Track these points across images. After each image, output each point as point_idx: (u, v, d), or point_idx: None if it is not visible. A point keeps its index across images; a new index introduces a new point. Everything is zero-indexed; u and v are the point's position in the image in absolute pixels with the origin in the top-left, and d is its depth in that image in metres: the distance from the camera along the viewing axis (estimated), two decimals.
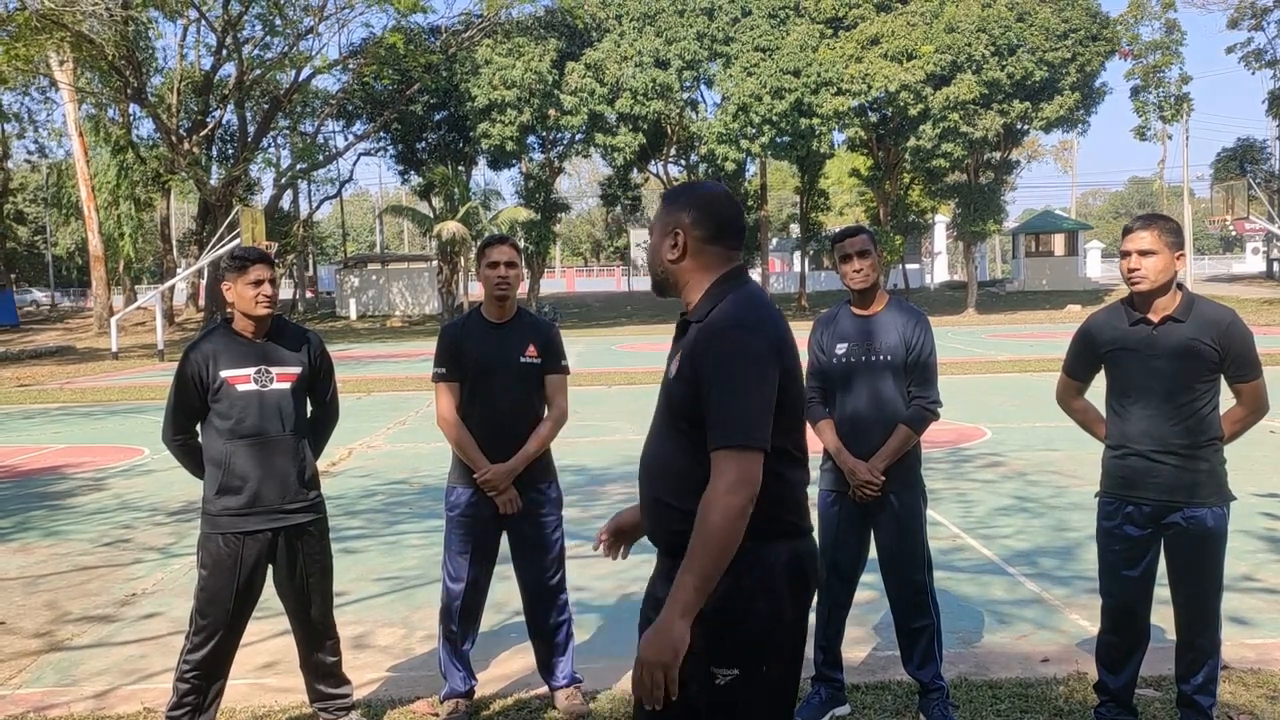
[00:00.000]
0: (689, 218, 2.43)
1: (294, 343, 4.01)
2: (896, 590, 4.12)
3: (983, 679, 4.43)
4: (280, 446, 3.88)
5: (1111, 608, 3.85)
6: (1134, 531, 3.73)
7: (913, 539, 4.07)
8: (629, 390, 16.77)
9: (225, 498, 3.83)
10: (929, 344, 4.07)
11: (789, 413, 2.34)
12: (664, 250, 2.46)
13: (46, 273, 62.75)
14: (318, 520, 4.01)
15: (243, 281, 3.85)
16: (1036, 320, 36.34)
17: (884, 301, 4.13)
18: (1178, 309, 3.61)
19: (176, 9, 34.29)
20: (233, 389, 3.84)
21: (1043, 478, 8.80)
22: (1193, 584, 3.71)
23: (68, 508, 8.80)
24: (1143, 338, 3.65)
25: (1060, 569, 6.14)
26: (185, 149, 36.11)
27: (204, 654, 3.83)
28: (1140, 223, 3.65)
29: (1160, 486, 3.65)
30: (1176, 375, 3.60)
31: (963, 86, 35.45)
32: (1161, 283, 3.58)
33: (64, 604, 5.96)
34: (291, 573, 3.95)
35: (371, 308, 47.12)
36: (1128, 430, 3.71)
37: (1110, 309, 3.83)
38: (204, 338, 3.96)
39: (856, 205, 53.60)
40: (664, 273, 2.49)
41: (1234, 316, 3.66)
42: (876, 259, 4.08)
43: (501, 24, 37.96)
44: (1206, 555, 3.67)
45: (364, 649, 5.02)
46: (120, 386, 20.25)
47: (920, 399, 4.03)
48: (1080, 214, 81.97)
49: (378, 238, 67.90)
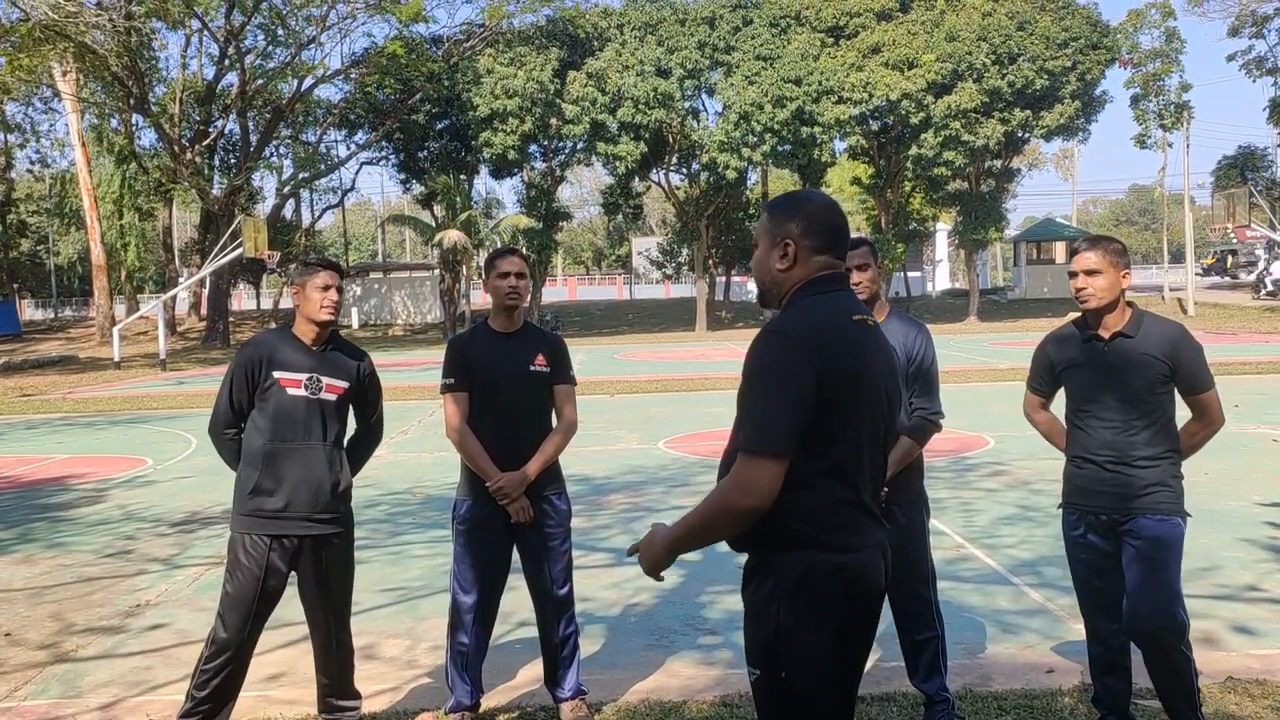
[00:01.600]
0: (798, 227, 2.44)
1: (348, 358, 4.10)
2: (901, 603, 4.11)
3: (987, 690, 4.43)
4: (318, 455, 3.92)
5: (1089, 617, 3.94)
6: (1097, 541, 3.82)
7: (916, 552, 4.06)
8: (631, 399, 16.77)
9: (260, 498, 3.86)
10: (930, 354, 4.08)
11: (828, 430, 2.31)
12: (773, 260, 2.47)
13: (49, 282, 62.81)
14: (344, 533, 4.04)
15: (311, 285, 3.96)
16: (1038, 328, 36.28)
17: (885, 312, 4.13)
18: (1127, 325, 3.74)
19: (179, 19, 34.34)
20: (283, 391, 3.90)
21: (1046, 487, 8.79)
22: (1149, 592, 3.67)
23: (71, 519, 8.81)
24: (1094, 354, 3.79)
25: (1064, 579, 6.05)
26: (188, 158, 36.17)
27: (223, 659, 3.85)
28: (1086, 244, 3.80)
29: (1115, 495, 3.73)
30: (1129, 388, 3.71)
31: (964, 95, 35.52)
32: (1108, 300, 3.72)
33: (69, 615, 5.97)
34: (315, 582, 3.99)
35: (374, 316, 47.16)
36: (1085, 442, 3.82)
37: (1065, 327, 3.98)
38: (264, 337, 4.05)
39: (858, 213, 53.57)
40: (772, 282, 2.50)
41: (1182, 331, 3.77)
42: (877, 270, 4.09)
43: (503, 33, 38.02)
44: (1160, 564, 3.67)
45: (369, 660, 5.01)
46: (123, 396, 20.26)
47: (922, 410, 4.03)
48: (1081, 222, 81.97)
49: (380, 246, 67.95)
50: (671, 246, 54.71)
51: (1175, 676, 3.70)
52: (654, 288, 64.88)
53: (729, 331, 39.89)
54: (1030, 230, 54.89)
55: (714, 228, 43.58)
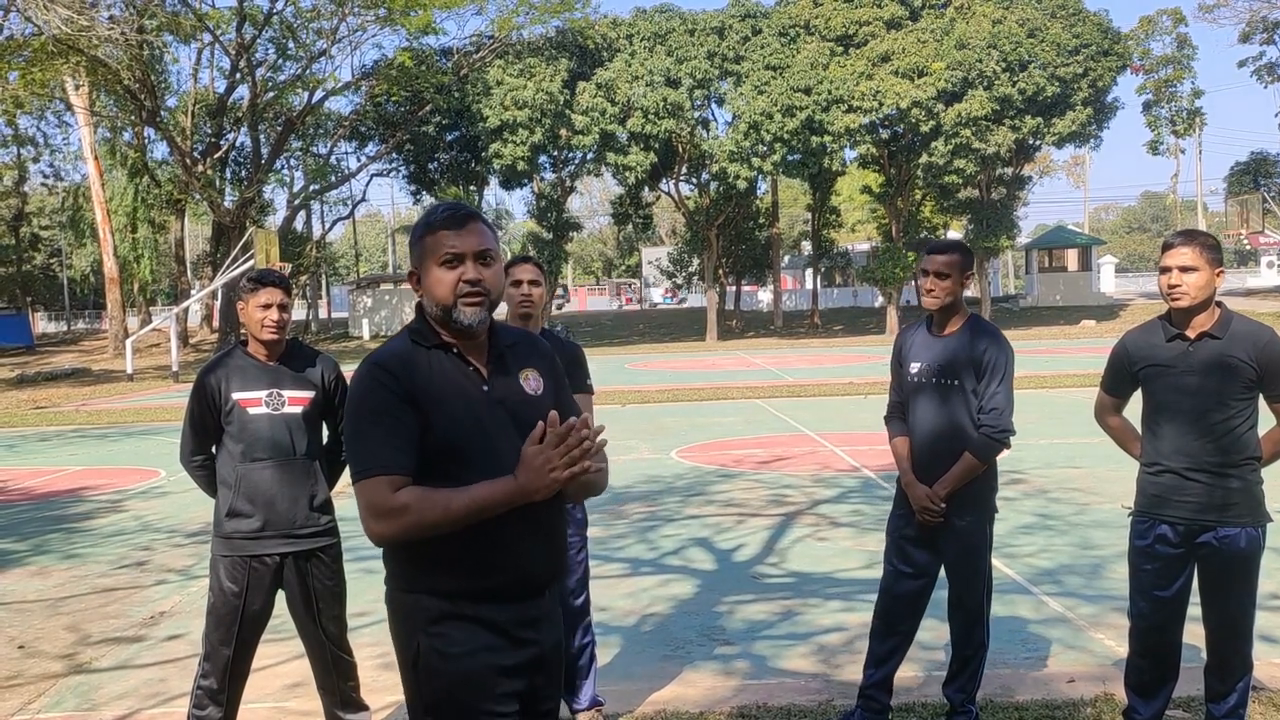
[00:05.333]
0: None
1: (308, 366, 4.00)
2: (959, 614, 4.05)
3: (1008, 701, 4.38)
4: (292, 470, 3.86)
5: (1142, 629, 3.79)
6: (1166, 551, 3.67)
7: (974, 564, 4.00)
8: (643, 409, 16.74)
9: (236, 520, 3.82)
10: (1001, 368, 3.90)
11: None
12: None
13: (62, 295, 63.13)
14: (330, 545, 3.97)
15: (253, 303, 3.86)
16: (1051, 336, 36.19)
17: (960, 323, 4.00)
18: (1215, 325, 3.57)
19: (191, 33, 34.59)
20: (244, 411, 3.83)
21: (1065, 495, 8.73)
22: (1224, 605, 3.66)
23: (86, 530, 8.81)
24: (1178, 354, 3.61)
25: (1085, 588, 6.08)
26: (199, 171, 36.35)
27: (216, 679, 3.83)
28: (1181, 239, 3.59)
29: (1192, 505, 3.60)
30: (1211, 392, 3.55)
31: (974, 103, 35.45)
32: (1201, 299, 3.54)
33: (84, 627, 5.96)
34: (303, 597, 3.93)
35: (384, 328, 47.23)
36: (1161, 447, 3.66)
37: (1146, 326, 3.79)
38: (218, 360, 3.96)
39: (869, 222, 53.51)
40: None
41: (1272, 334, 3.60)
42: (958, 282, 3.95)
43: (513, 45, 38.16)
44: (1238, 576, 3.62)
45: (384, 670, 4.98)
46: (136, 408, 20.32)
47: (989, 427, 3.88)
48: (1093, 229, 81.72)
49: (390, 258, 68.13)
50: (681, 256, 54.72)
51: (1238, 704, 3.70)
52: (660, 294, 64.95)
53: (739, 341, 39.86)
54: (1042, 238, 54.74)
55: (724, 237, 43.57)
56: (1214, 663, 3.73)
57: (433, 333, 2.40)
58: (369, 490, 2.24)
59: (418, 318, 2.43)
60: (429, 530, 2.24)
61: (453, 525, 2.24)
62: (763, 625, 5.56)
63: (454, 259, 2.35)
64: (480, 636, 2.33)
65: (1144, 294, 54.30)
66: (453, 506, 2.22)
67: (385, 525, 2.23)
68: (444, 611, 2.33)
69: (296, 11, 35.30)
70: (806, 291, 54.24)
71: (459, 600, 2.33)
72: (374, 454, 2.26)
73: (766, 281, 52.06)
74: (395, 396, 2.29)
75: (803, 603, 5.89)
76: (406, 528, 2.23)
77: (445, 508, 2.22)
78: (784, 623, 5.60)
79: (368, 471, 2.25)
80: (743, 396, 18.13)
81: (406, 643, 2.39)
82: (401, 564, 2.37)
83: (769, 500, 9.00)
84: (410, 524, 2.22)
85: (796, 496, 9.07)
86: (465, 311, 2.35)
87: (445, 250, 2.35)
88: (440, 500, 2.22)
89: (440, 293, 2.35)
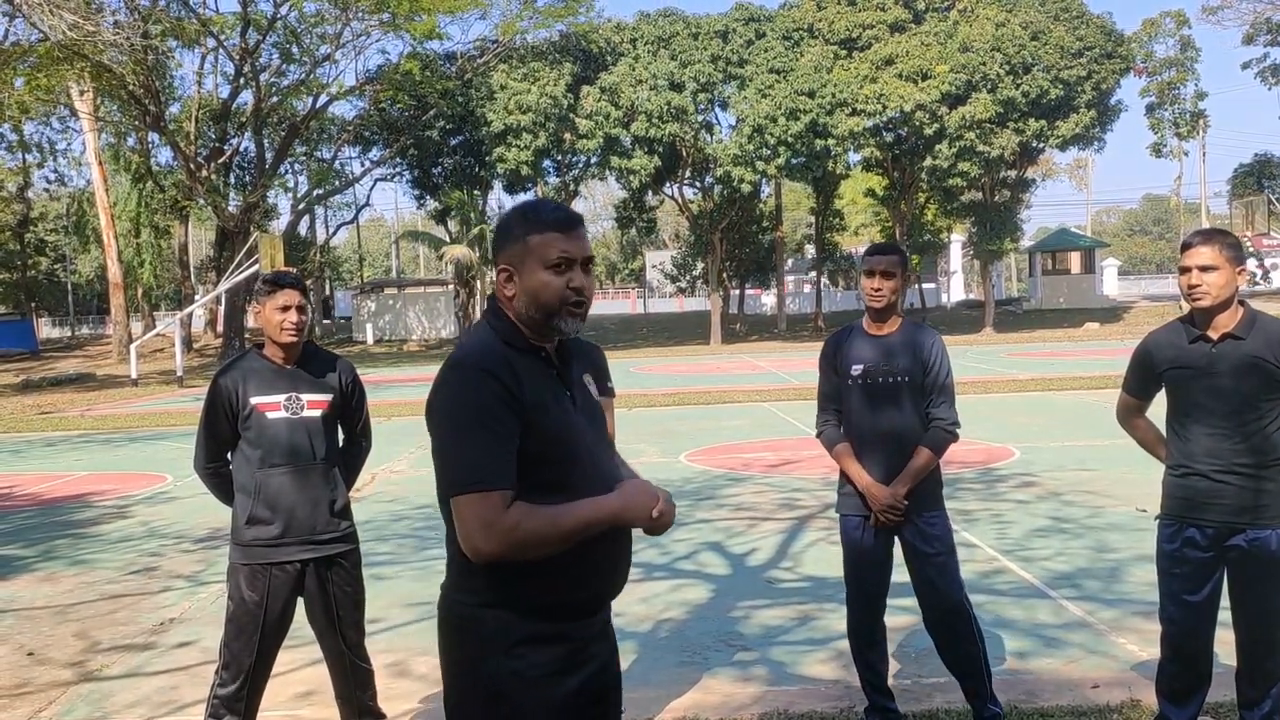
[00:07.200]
0: None
1: (325, 370, 3.94)
2: (936, 614, 4.03)
3: (1033, 707, 4.32)
4: (311, 475, 3.80)
5: (1173, 634, 3.72)
6: (1196, 555, 3.61)
7: (944, 558, 4.00)
8: (649, 413, 16.68)
9: (255, 527, 3.75)
10: (945, 365, 4.01)
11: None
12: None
13: (66, 300, 63.17)
14: (350, 551, 3.92)
15: (270, 305, 3.79)
16: (1055, 339, 36.13)
17: (898, 322, 4.06)
18: (1239, 325, 3.51)
19: (195, 38, 34.62)
20: (263, 416, 3.77)
21: (1078, 498, 8.67)
22: (1257, 608, 3.60)
23: (93, 536, 8.76)
24: (1202, 355, 3.55)
25: (1105, 591, 6.01)
26: (203, 176, 36.33)
27: (234, 688, 3.77)
28: (1200, 238, 3.54)
29: (1223, 508, 3.54)
30: (1238, 393, 3.50)
31: (978, 105, 35.41)
32: (1223, 299, 3.49)
33: (93, 634, 5.90)
34: (323, 605, 3.87)
35: (388, 332, 47.21)
36: (1189, 450, 3.61)
37: (1169, 327, 3.74)
38: (234, 364, 3.90)
39: (872, 225, 53.50)
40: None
41: None
42: (901, 282, 4.02)
43: (516, 49, 38.16)
44: (1271, 579, 3.56)
45: (400, 678, 4.93)
46: (141, 413, 20.28)
47: (939, 421, 3.96)
48: (1096, 231, 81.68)
49: (394, 262, 68.14)
50: (685, 260, 54.70)
51: (1273, 710, 3.65)
52: (667, 300, 64.84)
53: (743, 344, 39.80)
54: (1045, 240, 54.71)
55: (728, 241, 43.54)
56: (1245, 668, 3.67)
57: (520, 335, 2.26)
58: (479, 506, 2.08)
59: (498, 317, 2.27)
60: (540, 549, 2.11)
61: (561, 545, 2.12)
62: (779, 630, 5.50)
63: (564, 264, 2.22)
64: (559, 659, 2.20)
65: (1147, 296, 54.23)
66: (563, 525, 2.11)
67: (497, 544, 2.08)
68: (528, 633, 2.17)
69: (300, 17, 35.32)
70: (810, 294, 54.19)
71: (541, 618, 2.19)
72: (482, 465, 2.09)
73: (770, 285, 52.03)
74: (502, 403, 2.12)
75: (819, 607, 5.83)
76: (518, 545, 2.09)
77: (556, 525, 2.11)
78: (801, 628, 5.54)
79: (478, 484, 2.08)
80: (749, 400, 18.07)
81: (475, 667, 2.19)
82: (483, 575, 2.17)
83: (780, 504, 8.94)
84: (521, 541, 2.08)
85: (807, 500, 9.01)
86: (569, 320, 2.24)
87: (557, 254, 2.21)
88: (549, 517, 2.11)
89: (547, 297, 2.22)
